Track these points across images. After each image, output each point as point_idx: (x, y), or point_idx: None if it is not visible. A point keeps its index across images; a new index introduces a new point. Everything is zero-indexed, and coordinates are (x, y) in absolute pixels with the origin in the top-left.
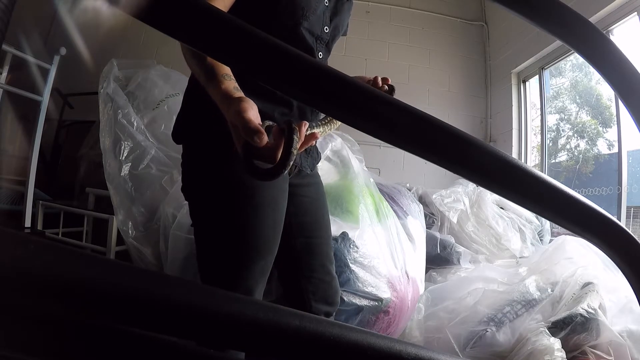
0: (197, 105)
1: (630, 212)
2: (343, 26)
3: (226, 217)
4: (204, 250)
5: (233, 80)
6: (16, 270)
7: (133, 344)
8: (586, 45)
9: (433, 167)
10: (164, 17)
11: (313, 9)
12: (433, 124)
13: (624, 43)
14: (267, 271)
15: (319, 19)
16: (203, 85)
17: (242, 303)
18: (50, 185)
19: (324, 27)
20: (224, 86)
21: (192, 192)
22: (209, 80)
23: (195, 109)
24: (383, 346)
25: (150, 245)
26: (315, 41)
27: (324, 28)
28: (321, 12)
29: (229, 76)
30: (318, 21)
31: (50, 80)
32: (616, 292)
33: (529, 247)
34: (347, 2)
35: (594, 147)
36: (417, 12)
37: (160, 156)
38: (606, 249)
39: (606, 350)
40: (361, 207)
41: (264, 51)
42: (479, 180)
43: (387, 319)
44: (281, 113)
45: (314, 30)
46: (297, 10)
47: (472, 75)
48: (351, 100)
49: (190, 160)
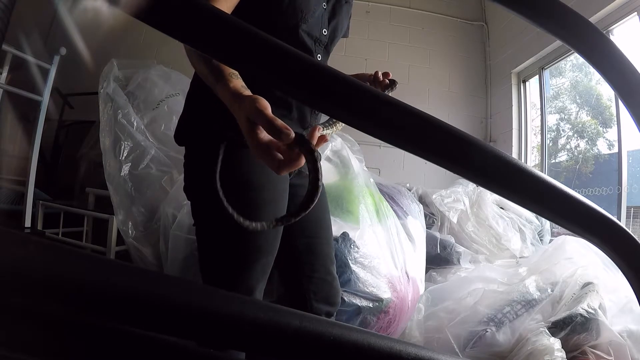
0: (199, 107)
1: (630, 212)
2: (342, 29)
3: (227, 216)
4: (205, 249)
5: (240, 79)
6: (16, 270)
7: (133, 344)
8: (586, 45)
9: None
10: (164, 17)
11: (312, 12)
12: (433, 124)
13: (624, 43)
14: (267, 270)
15: (317, 21)
16: (210, 86)
17: (242, 303)
18: (50, 185)
19: (322, 29)
20: (232, 85)
21: (194, 192)
22: (217, 80)
23: (198, 110)
24: (383, 346)
25: (150, 245)
26: (314, 43)
27: (322, 30)
28: (319, 14)
29: (236, 75)
30: (317, 24)
31: (50, 80)
32: (616, 292)
33: (529, 247)
34: (346, 5)
35: (594, 147)
36: (417, 12)
37: (160, 156)
38: (606, 249)
39: (606, 350)
40: (361, 207)
41: (264, 51)
42: (479, 180)
43: (387, 319)
44: (280, 115)
45: (312, 32)
46: (297, 13)
47: (472, 75)
48: (351, 100)
49: (193, 160)
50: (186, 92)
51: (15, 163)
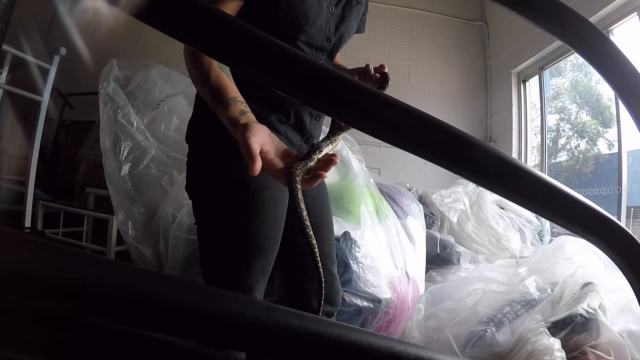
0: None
1: (630, 212)
2: (350, 32)
3: (228, 215)
4: (206, 247)
5: (240, 103)
6: (16, 270)
7: (133, 344)
8: (586, 45)
9: (433, 167)
10: (164, 17)
11: (312, 21)
12: (433, 124)
13: (624, 43)
14: (268, 269)
15: (319, 29)
16: (212, 110)
17: (242, 303)
18: (50, 185)
19: (325, 37)
20: (230, 112)
21: (195, 190)
22: (216, 105)
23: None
24: (383, 346)
25: (150, 245)
26: (315, 52)
27: (325, 38)
28: (323, 22)
29: (234, 100)
30: (318, 32)
31: (50, 80)
32: (616, 292)
33: (529, 247)
34: (357, 5)
35: (594, 147)
36: (417, 12)
37: (160, 156)
38: (606, 249)
39: (606, 350)
40: (362, 207)
41: (264, 51)
42: (479, 180)
43: (388, 319)
44: (277, 119)
45: (312, 42)
46: (294, 25)
47: (472, 75)
48: (351, 100)
49: (196, 158)
50: (186, 92)
51: (15, 163)
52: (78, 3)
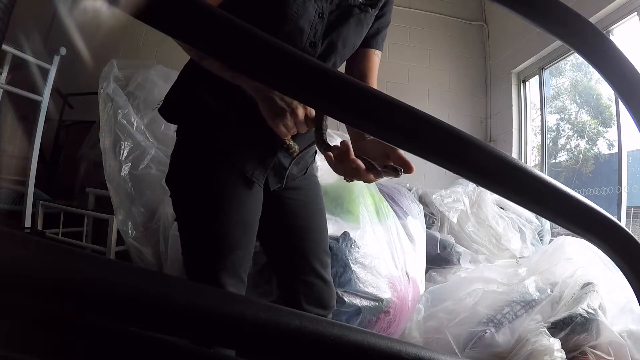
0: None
1: (630, 212)
2: (346, 42)
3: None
4: (182, 242)
5: None
6: (16, 270)
7: (133, 344)
8: (586, 45)
9: (433, 167)
10: (164, 17)
11: (291, 20)
12: (433, 124)
13: (624, 43)
14: (239, 266)
15: (300, 31)
16: (228, 79)
17: (242, 303)
18: (50, 185)
19: (309, 42)
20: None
21: (173, 182)
22: (236, 75)
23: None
24: (383, 346)
25: (150, 245)
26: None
27: (309, 43)
28: (306, 24)
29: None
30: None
31: (50, 80)
32: (616, 292)
33: (529, 247)
34: (361, 14)
35: (594, 147)
36: (417, 12)
37: (160, 156)
38: (606, 249)
39: (606, 350)
40: (361, 207)
41: (264, 51)
42: (479, 180)
43: (388, 319)
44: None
45: (292, 43)
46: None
47: (472, 75)
48: (351, 100)
49: (184, 146)
50: None
51: (15, 163)
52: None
